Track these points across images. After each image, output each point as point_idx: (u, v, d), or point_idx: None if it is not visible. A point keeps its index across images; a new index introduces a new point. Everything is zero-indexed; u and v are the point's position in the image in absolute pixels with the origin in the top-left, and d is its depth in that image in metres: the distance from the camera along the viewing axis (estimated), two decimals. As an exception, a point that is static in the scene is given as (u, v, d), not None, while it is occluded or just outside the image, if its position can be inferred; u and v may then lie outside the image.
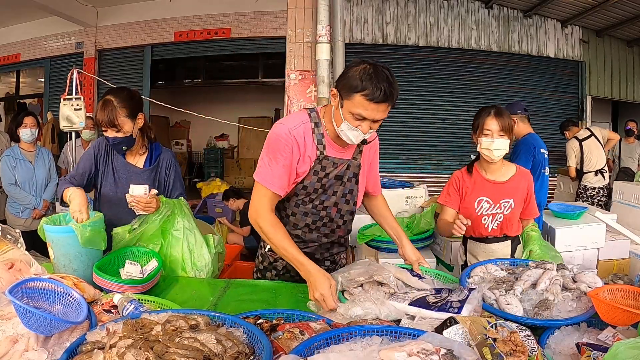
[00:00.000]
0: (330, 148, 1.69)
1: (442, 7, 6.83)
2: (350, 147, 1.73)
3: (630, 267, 2.95)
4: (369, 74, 1.48)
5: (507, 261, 1.78)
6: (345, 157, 1.73)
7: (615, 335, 1.24)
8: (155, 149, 2.20)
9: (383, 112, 1.53)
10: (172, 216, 1.93)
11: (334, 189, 1.75)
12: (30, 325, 1.12)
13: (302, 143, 1.64)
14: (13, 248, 1.60)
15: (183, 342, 0.99)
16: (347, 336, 1.08)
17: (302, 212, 1.77)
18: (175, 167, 2.22)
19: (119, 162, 2.15)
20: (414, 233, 3.22)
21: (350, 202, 1.81)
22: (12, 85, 9.18)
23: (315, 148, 1.67)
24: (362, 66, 1.51)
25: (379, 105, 1.50)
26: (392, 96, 1.50)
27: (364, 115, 1.52)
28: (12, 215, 3.95)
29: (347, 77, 1.53)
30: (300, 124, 1.66)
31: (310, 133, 1.66)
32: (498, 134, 2.13)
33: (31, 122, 3.90)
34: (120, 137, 2.03)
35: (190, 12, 7.22)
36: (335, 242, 1.92)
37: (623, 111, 8.63)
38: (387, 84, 1.48)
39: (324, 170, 1.69)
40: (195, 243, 1.93)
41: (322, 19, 4.09)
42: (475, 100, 6.87)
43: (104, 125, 2.00)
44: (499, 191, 2.21)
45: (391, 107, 1.55)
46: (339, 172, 1.72)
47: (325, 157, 1.68)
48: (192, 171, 11.04)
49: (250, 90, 9.99)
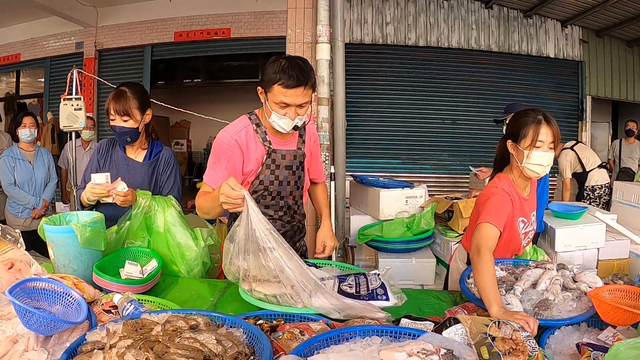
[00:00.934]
0: (275, 143, 1.86)
1: (442, 7, 6.84)
2: (292, 139, 1.90)
3: (630, 267, 2.95)
4: (282, 66, 1.66)
5: (507, 261, 1.78)
6: (291, 148, 1.90)
7: (615, 335, 1.24)
8: (156, 146, 2.24)
9: (303, 96, 1.69)
10: (154, 212, 1.93)
11: (287, 180, 1.91)
12: (30, 325, 1.12)
13: (244, 145, 1.81)
14: (13, 248, 1.59)
15: (183, 342, 0.99)
16: (347, 336, 1.08)
17: (264, 206, 1.91)
18: (173, 166, 2.24)
19: (119, 157, 2.18)
20: (413, 233, 3.22)
21: (300, 187, 1.98)
22: (12, 85, 9.18)
23: (262, 145, 1.84)
24: (276, 61, 1.71)
25: (295, 90, 1.66)
26: (305, 80, 1.66)
27: (285, 102, 1.69)
28: (12, 215, 3.95)
29: (265, 73, 1.73)
30: (242, 128, 1.84)
31: (252, 134, 1.84)
32: (549, 146, 1.72)
33: (30, 122, 3.90)
34: (127, 127, 2.08)
35: (190, 12, 7.22)
36: (297, 230, 2.06)
37: (623, 111, 8.63)
38: (299, 70, 1.66)
39: (274, 162, 1.86)
40: (182, 237, 1.92)
41: (322, 19, 4.09)
42: (475, 100, 6.88)
43: (116, 113, 2.05)
44: (526, 208, 1.88)
45: (312, 91, 1.71)
46: (288, 162, 1.89)
47: (274, 150, 1.85)
48: (192, 171, 11.04)
49: (250, 90, 9.85)
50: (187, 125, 11.49)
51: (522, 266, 1.70)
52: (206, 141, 11.15)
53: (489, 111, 6.90)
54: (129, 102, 2.06)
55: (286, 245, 1.39)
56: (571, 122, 7.18)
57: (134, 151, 2.19)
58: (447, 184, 6.73)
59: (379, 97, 6.79)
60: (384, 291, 1.45)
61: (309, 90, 1.71)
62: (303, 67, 1.69)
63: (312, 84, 1.71)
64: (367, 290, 1.47)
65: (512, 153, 1.81)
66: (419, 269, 3.20)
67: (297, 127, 1.77)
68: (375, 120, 6.59)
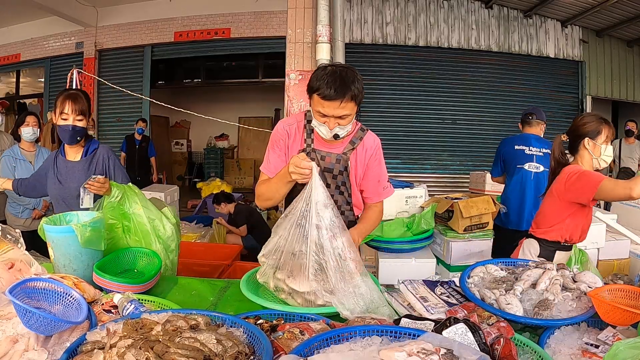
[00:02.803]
0: (319, 143, 1.84)
1: (442, 7, 6.83)
2: (339, 144, 1.84)
3: (630, 267, 2.95)
4: (325, 75, 1.63)
5: (508, 261, 1.78)
6: (334, 151, 1.85)
7: (615, 335, 1.24)
8: (92, 144, 2.34)
9: (341, 109, 1.64)
10: (125, 198, 2.06)
11: (327, 181, 1.86)
12: (30, 325, 1.12)
13: (292, 137, 1.85)
14: (13, 248, 1.60)
15: (183, 342, 0.99)
16: (347, 336, 1.08)
17: None
18: (113, 160, 2.35)
19: (60, 163, 2.29)
20: (414, 233, 3.22)
21: (344, 193, 1.90)
22: (12, 85, 9.18)
23: (303, 142, 1.85)
24: (322, 69, 1.68)
25: (332, 102, 1.62)
26: (343, 93, 1.61)
27: (322, 112, 1.66)
28: (12, 216, 3.95)
29: (310, 80, 1.70)
30: (294, 122, 1.88)
31: (302, 129, 1.85)
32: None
33: (33, 121, 3.90)
34: (80, 126, 2.20)
35: (190, 12, 7.22)
36: None
37: (623, 111, 8.63)
38: (341, 82, 1.61)
39: (313, 161, 1.82)
40: (155, 219, 2.05)
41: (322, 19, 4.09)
42: (475, 100, 6.88)
43: (73, 112, 2.16)
44: None
45: (353, 103, 1.65)
46: (328, 164, 1.84)
47: (313, 149, 1.84)
48: (192, 171, 11.04)
49: (250, 90, 9.99)
50: (187, 125, 11.49)
51: (522, 266, 1.70)
52: (206, 141, 11.15)
53: (489, 111, 6.90)
54: (84, 103, 2.21)
55: (342, 226, 1.43)
56: (571, 122, 7.17)
57: (74, 152, 2.29)
58: (447, 184, 6.72)
59: (379, 97, 6.79)
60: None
61: (349, 102, 1.64)
62: (344, 77, 1.63)
63: (352, 96, 1.63)
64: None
65: (588, 148, 2.17)
66: (419, 269, 3.19)
67: (338, 137, 1.72)
68: (375, 120, 6.58)
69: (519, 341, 1.21)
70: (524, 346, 1.20)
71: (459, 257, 3.19)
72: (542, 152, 3.37)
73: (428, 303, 1.45)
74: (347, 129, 1.72)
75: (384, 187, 1.93)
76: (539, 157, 3.37)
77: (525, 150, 3.39)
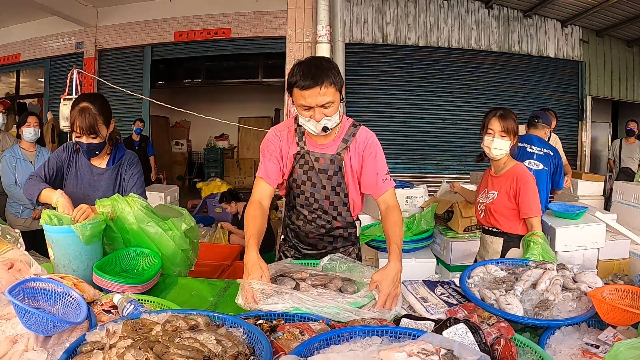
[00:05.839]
0: (311, 144, 1.87)
1: (442, 7, 6.83)
2: (331, 143, 1.85)
3: (630, 267, 2.95)
4: (300, 68, 1.66)
5: (508, 261, 1.78)
6: (328, 152, 1.86)
7: (615, 335, 1.24)
8: (119, 150, 2.21)
9: (322, 95, 1.64)
10: (121, 212, 1.79)
11: (322, 183, 1.88)
12: (30, 325, 1.12)
13: (284, 141, 1.88)
14: (13, 248, 1.60)
15: (183, 342, 0.99)
16: (347, 336, 1.08)
17: (299, 204, 1.96)
18: (136, 167, 2.20)
19: (82, 163, 2.15)
20: (413, 233, 3.22)
21: (340, 194, 1.91)
22: (12, 85, 9.19)
23: (296, 145, 1.87)
24: (296, 65, 1.70)
25: (312, 90, 1.63)
26: (321, 79, 1.61)
27: (305, 105, 1.66)
28: (12, 215, 3.95)
29: (287, 78, 1.72)
30: (285, 127, 1.91)
31: (292, 134, 1.88)
32: (499, 135, 2.31)
33: (34, 121, 3.90)
34: (96, 143, 2.03)
35: (190, 12, 7.23)
36: (338, 236, 2.01)
37: (623, 111, 8.63)
38: (316, 69, 1.62)
39: (307, 163, 1.88)
40: (156, 233, 1.82)
41: (322, 19, 4.10)
42: (475, 100, 6.88)
43: (82, 132, 1.98)
44: (492, 183, 2.44)
45: (334, 89, 1.65)
46: (323, 165, 1.86)
47: (307, 151, 1.86)
48: (192, 171, 11.03)
49: (250, 90, 10.00)
50: (187, 125, 11.49)
51: (522, 266, 1.70)
52: (206, 141, 11.15)
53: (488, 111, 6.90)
54: (95, 119, 1.98)
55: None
56: (571, 122, 7.18)
57: (99, 158, 2.16)
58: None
59: (379, 97, 6.79)
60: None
61: (329, 88, 1.64)
62: (319, 65, 1.65)
63: (331, 82, 1.64)
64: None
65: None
66: (419, 269, 3.19)
67: (327, 129, 1.71)
68: (375, 120, 6.58)
69: (519, 341, 1.21)
70: (524, 346, 1.20)
71: (459, 257, 3.19)
72: (542, 151, 3.41)
73: (428, 303, 1.45)
74: (334, 120, 1.71)
75: (382, 179, 1.86)
76: (539, 156, 3.41)
77: (527, 148, 3.42)
